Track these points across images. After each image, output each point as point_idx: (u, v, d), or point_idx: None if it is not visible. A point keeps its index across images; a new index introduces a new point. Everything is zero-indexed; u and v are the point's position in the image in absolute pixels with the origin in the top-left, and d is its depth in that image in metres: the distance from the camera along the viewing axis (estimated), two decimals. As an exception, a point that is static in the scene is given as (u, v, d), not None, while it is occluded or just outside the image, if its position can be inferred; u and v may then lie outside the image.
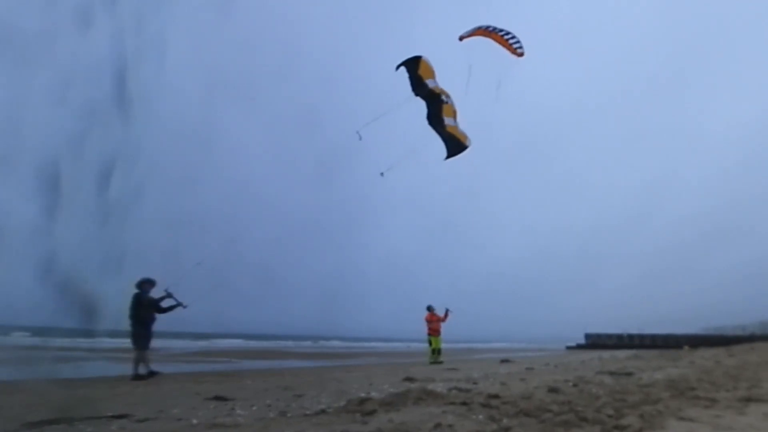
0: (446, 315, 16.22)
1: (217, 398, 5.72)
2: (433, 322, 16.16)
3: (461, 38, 9.42)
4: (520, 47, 9.45)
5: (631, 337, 53.24)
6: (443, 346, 16.69)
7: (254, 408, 5.03)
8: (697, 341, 46.65)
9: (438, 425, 3.68)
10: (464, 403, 4.75)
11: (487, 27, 9.35)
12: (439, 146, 9.08)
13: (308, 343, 46.65)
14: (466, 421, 3.92)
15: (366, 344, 47.10)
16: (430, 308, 16.26)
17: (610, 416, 3.87)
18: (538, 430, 3.49)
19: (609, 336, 53.73)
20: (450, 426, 3.68)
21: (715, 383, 6.22)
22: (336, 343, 48.95)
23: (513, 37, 9.23)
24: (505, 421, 3.83)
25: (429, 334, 16.12)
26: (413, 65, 8.66)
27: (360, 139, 8.32)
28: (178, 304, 9.74)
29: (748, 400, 4.58)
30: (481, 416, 4.09)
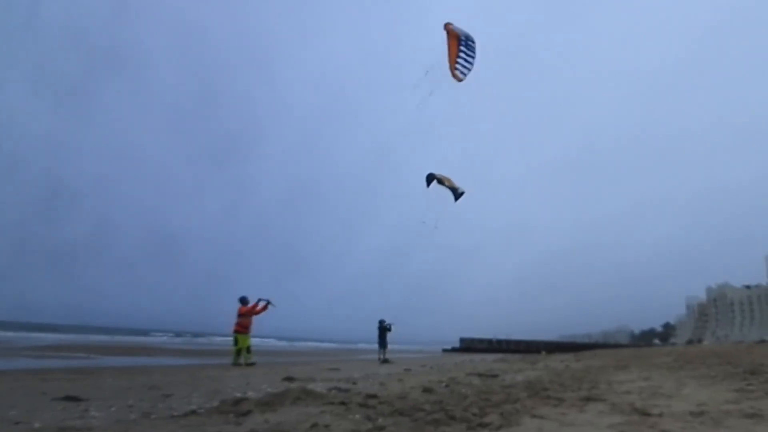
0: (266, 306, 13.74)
1: (68, 398, 5.10)
2: (245, 316, 13.46)
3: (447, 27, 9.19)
4: (460, 71, 9.12)
5: (499, 342, 58.79)
6: (326, 345, 16.51)
7: (113, 409, 4.56)
8: (553, 347, 52.98)
9: (315, 425, 3.65)
10: (342, 403, 4.79)
11: (460, 34, 9.19)
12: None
13: (184, 339, 43.44)
14: (343, 420, 3.95)
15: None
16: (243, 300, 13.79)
17: (475, 414, 4.16)
18: (411, 429, 3.64)
19: (481, 341, 58.76)
20: (326, 426, 3.68)
21: (563, 385, 7.01)
22: (208, 339, 46.25)
23: (464, 59, 9.17)
24: (380, 420, 3.93)
25: (236, 332, 13.34)
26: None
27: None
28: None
29: (588, 399, 5.23)
30: (357, 416, 4.15)
